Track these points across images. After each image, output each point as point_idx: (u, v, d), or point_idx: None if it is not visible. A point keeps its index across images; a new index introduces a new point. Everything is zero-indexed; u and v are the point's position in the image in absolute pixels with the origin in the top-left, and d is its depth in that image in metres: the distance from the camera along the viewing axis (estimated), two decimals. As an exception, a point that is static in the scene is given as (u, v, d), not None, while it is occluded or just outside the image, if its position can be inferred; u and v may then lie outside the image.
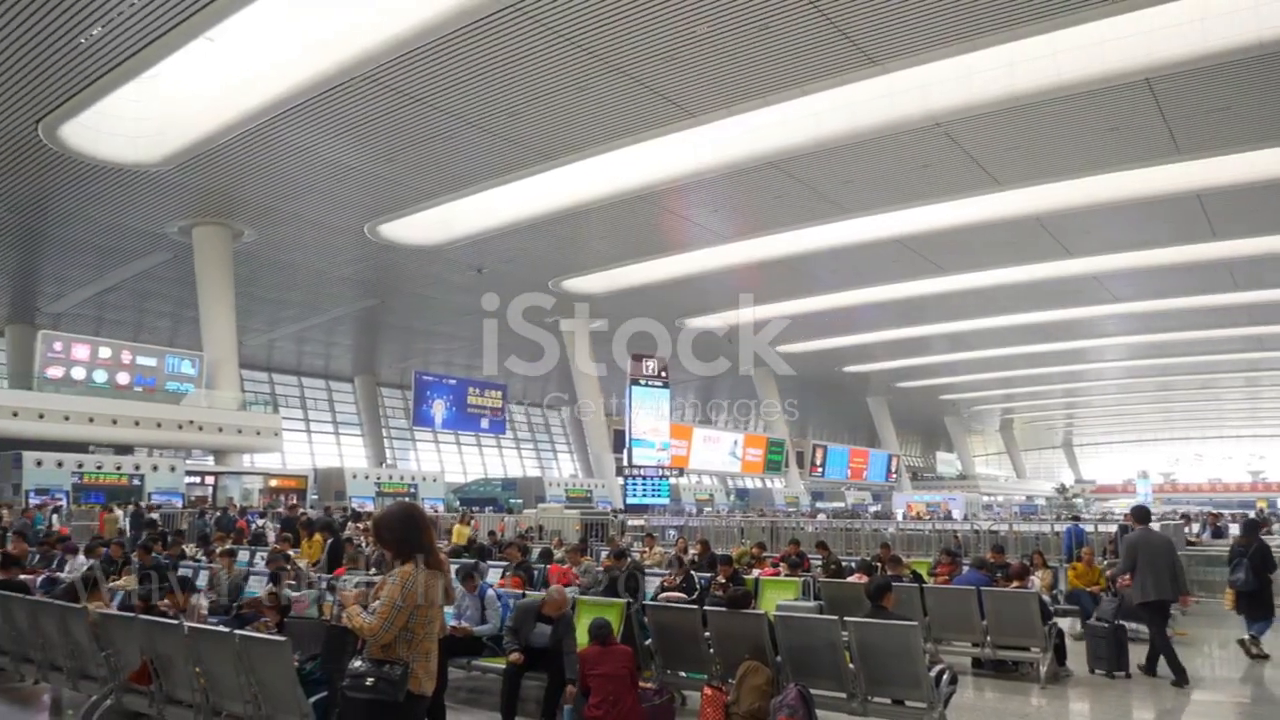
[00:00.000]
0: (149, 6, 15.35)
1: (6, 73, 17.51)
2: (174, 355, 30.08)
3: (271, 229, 26.73)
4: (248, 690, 5.45)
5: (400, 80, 17.85)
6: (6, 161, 21.42)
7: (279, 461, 35.70)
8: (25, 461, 25.12)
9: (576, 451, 58.06)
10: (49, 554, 12.32)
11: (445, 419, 38.76)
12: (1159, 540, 9.40)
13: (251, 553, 12.94)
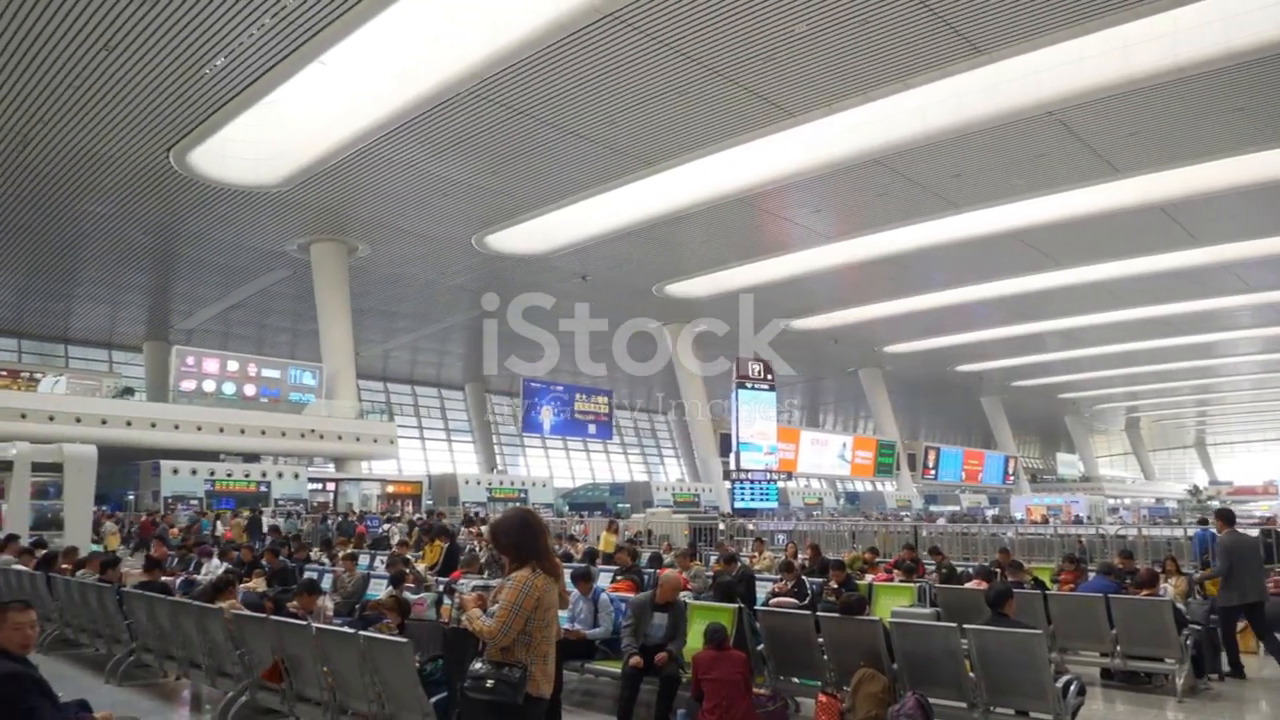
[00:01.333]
0: (267, 36, 16.12)
1: (140, 106, 18.68)
2: (296, 367, 31.47)
3: (384, 244, 27.68)
4: (372, 690, 5.62)
5: (503, 94, 18.23)
6: (142, 188, 22.82)
7: (395, 468, 36.86)
8: (163, 470, 26.66)
9: (683, 456, 58.09)
10: (186, 557, 13.04)
11: (553, 425, 39.33)
12: (1249, 542, 9.27)
13: (371, 556, 13.39)
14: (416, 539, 16.30)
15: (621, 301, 34.04)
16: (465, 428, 49.99)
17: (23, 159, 21.05)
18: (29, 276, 30.48)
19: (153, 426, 26.65)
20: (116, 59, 16.93)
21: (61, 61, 16.96)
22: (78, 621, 9.24)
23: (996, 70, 17.42)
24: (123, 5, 15.14)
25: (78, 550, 11.88)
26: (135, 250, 27.89)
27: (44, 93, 18.09)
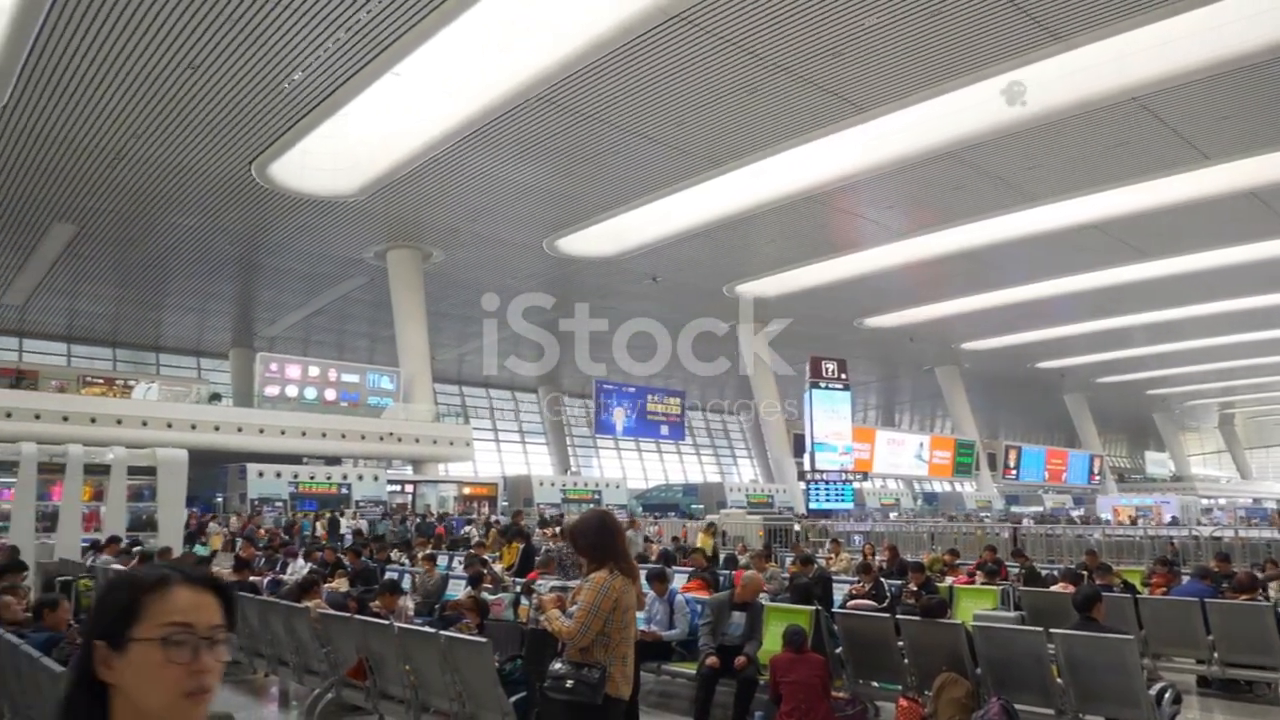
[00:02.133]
0: (342, 50, 16.55)
1: (223, 121, 19.36)
2: (374, 372, 32.20)
3: (457, 249, 28.15)
4: (453, 688, 5.72)
5: (571, 99, 18.38)
6: (226, 201, 23.64)
7: (471, 470, 37.43)
8: (249, 473, 27.51)
9: (756, 456, 57.76)
10: (273, 557, 13.44)
11: (626, 426, 39.45)
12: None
13: (450, 557, 13.62)
14: (493, 540, 16.52)
15: (691, 302, 34.04)
16: (539, 429, 50.51)
17: (116, 176, 21.99)
18: (123, 288, 31.85)
19: (239, 431, 27.56)
20: (201, 77, 17.57)
21: (150, 81, 17.67)
22: (172, 619, 9.60)
23: (1075, 58, 16.89)
24: (207, 26, 15.70)
25: (171, 551, 12.35)
26: (221, 260, 28.91)
27: (135, 112, 18.88)
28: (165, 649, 1.39)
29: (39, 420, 24.22)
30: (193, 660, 1.40)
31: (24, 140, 20.07)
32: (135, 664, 1.39)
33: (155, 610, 1.42)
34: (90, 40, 16.34)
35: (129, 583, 1.47)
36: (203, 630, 1.43)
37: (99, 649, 1.41)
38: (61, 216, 24.61)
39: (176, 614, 1.42)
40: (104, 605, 1.46)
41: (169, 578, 1.46)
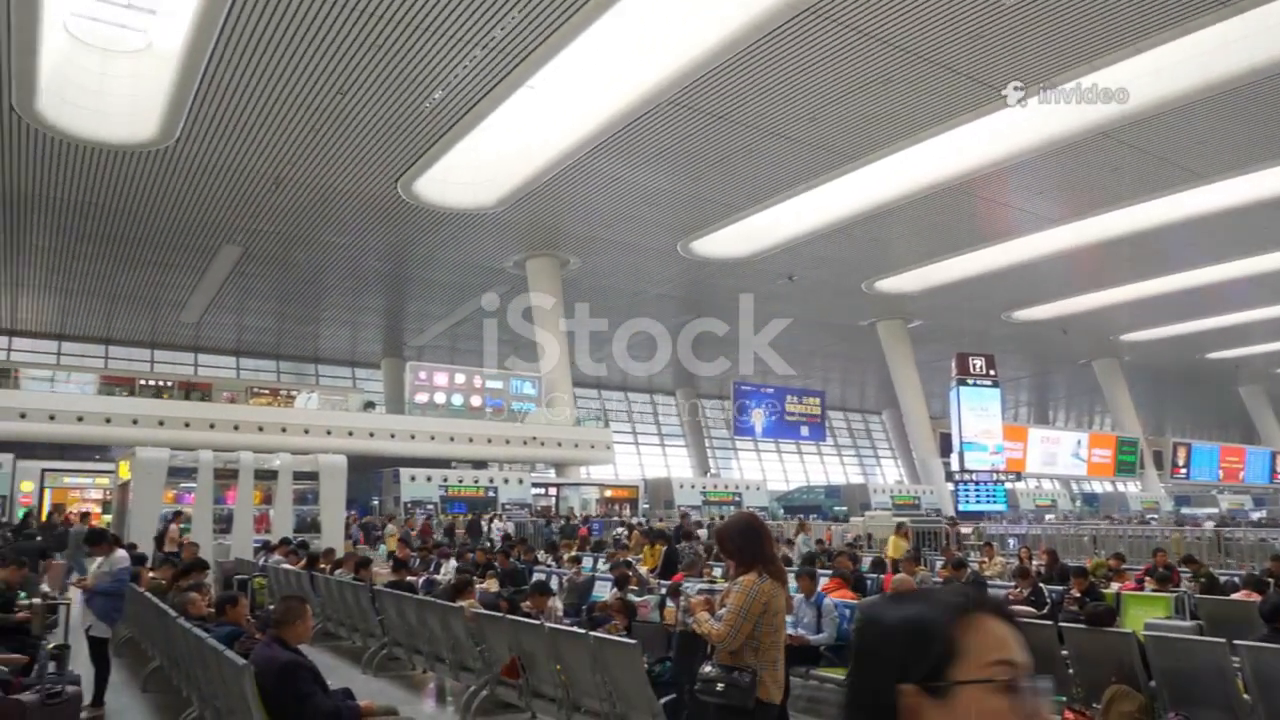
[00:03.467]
0: (479, 67, 17.10)
1: (370, 143, 20.34)
2: (516, 378, 33.07)
3: (593, 256, 28.61)
4: (603, 688, 5.77)
5: (702, 101, 18.38)
6: (374, 218, 24.83)
7: (611, 473, 37.90)
8: (402, 477, 28.71)
9: (900, 457, 56.18)
10: (427, 558, 13.97)
11: (765, 427, 39.08)
12: None
13: (594, 559, 13.82)
14: (635, 542, 16.67)
15: (829, 300, 33.49)
16: (678, 432, 50.69)
17: (275, 200, 23.45)
18: (283, 303, 33.93)
19: (392, 437, 28.85)
20: (348, 101, 18.53)
21: (303, 109, 18.77)
22: (337, 616, 10.10)
23: (1243, 22, 15.66)
24: (353, 53, 16.55)
25: (334, 551, 13.00)
26: (371, 275, 30.37)
27: (290, 139, 20.09)
28: (1001, 694, 1.13)
29: (213, 429, 26.01)
30: (1029, 707, 1.13)
31: (194, 171, 21.67)
32: (964, 712, 1.13)
33: (974, 645, 1.15)
34: (249, 77, 17.49)
35: (938, 611, 1.19)
36: (1026, 669, 1.16)
37: (907, 695, 1.15)
38: (229, 239, 26.46)
39: (999, 650, 1.16)
40: (914, 639, 1.17)
41: (973, 604, 1.19)
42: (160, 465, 18.78)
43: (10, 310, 34.17)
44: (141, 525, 17.54)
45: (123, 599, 7.32)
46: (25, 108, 18.49)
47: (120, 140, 19.98)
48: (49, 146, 20.22)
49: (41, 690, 5.41)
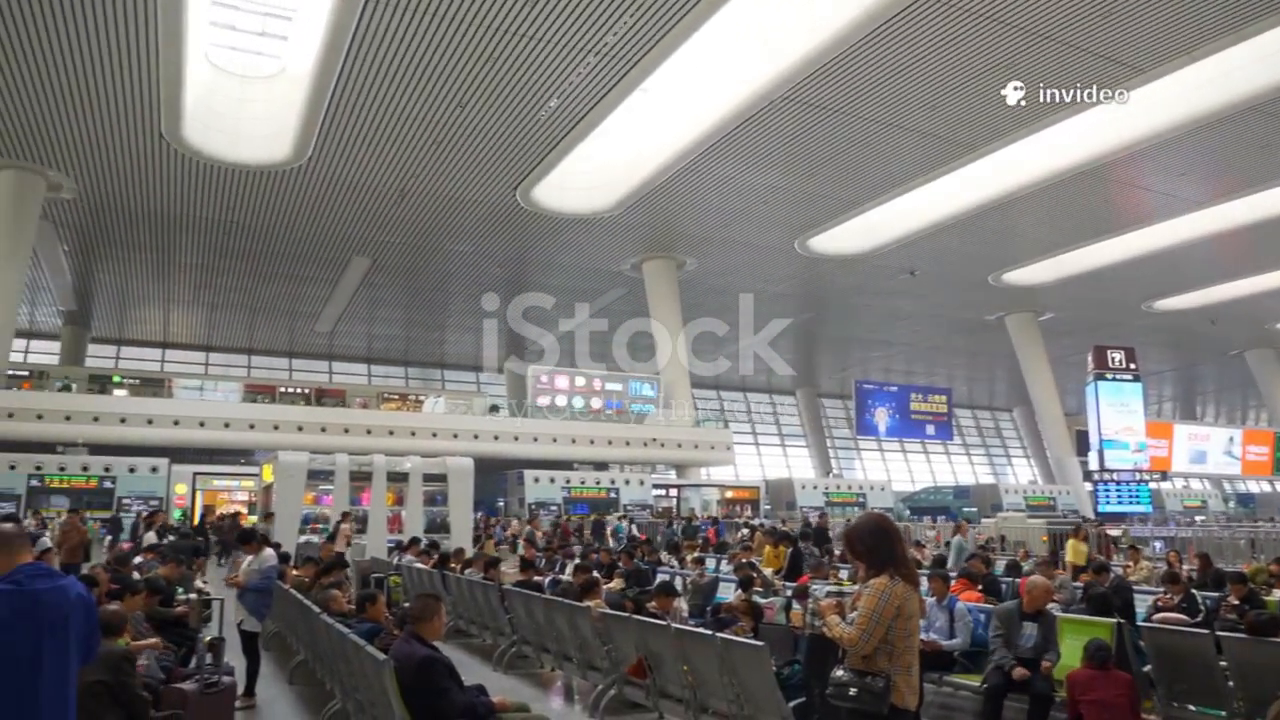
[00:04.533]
0: (593, 73, 17.32)
1: (489, 153, 20.88)
2: (636, 380, 33.30)
3: (709, 256, 28.55)
4: (730, 690, 5.74)
5: (817, 96, 18.10)
6: (495, 227, 25.49)
7: (732, 474, 37.73)
8: (526, 479, 29.30)
9: (1033, 456, 53.95)
10: (552, 558, 14.21)
11: (889, 427, 38.21)
12: None
13: (717, 560, 13.78)
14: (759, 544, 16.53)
15: (953, 295, 32.46)
16: (799, 432, 50.08)
17: (401, 212, 24.35)
18: (410, 311, 35.18)
19: (515, 440, 29.50)
20: (468, 113, 19.07)
21: (425, 124, 19.43)
22: (468, 614, 10.38)
23: None
24: (471, 65, 17.02)
25: (464, 551, 13.37)
26: (493, 281, 31.12)
27: (413, 153, 20.82)
28: None
29: (347, 434, 27.18)
30: None
31: (325, 187, 22.72)
32: None
33: None
34: (374, 95, 18.22)
35: None
36: None
37: None
38: (358, 251, 27.63)
39: None
40: None
41: None
42: (300, 468, 19.73)
43: (164, 324, 36.61)
44: (284, 525, 18.47)
45: (271, 595, 7.72)
46: (173, 134, 19.78)
47: (258, 161, 21.14)
48: (194, 170, 21.57)
49: (200, 680, 5.77)
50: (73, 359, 34.96)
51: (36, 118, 19.33)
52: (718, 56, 17.47)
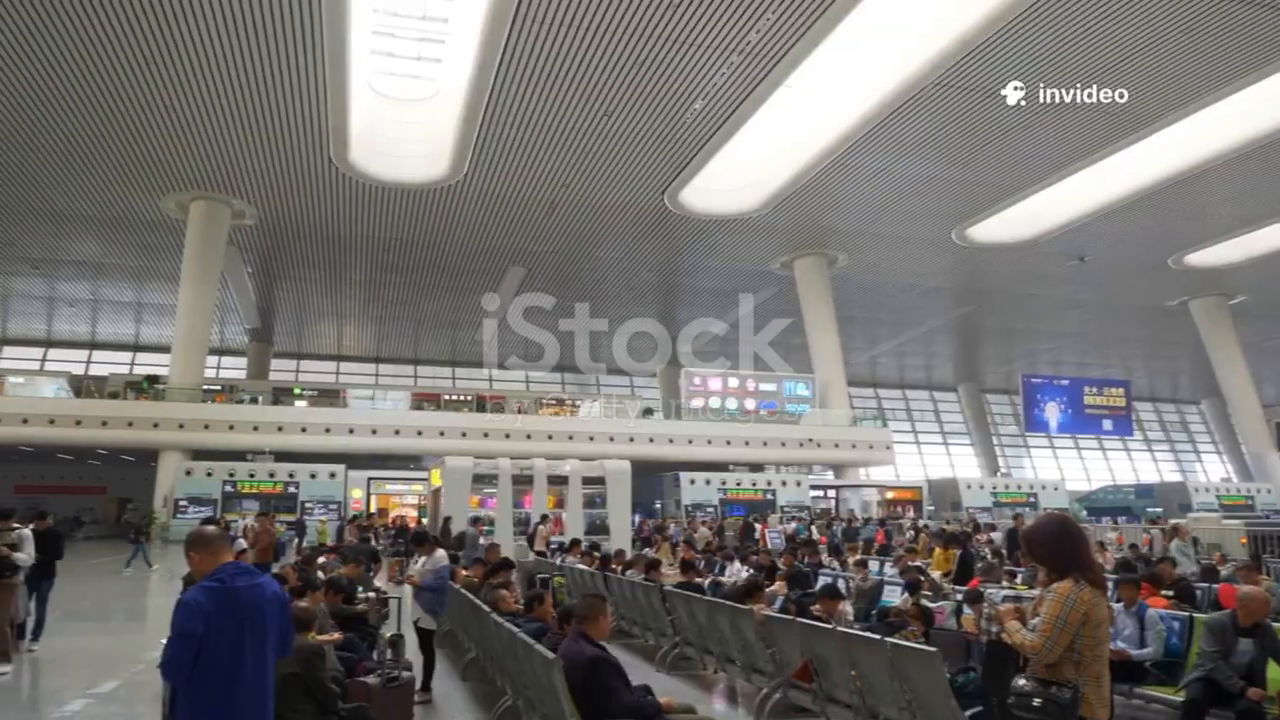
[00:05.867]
0: (737, 73, 17.23)
1: (635, 159, 21.14)
2: (790, 380, 32.87)
3: (861, 252, 27.90)
4: (901, 698, 5.53)
5: (969, 78, 17.37)
6: (644, 232, 25.76)
7: (892, 474, 36.68)
8: (682, 480, 29.39)
9: (1226, 451, 49.88)
10: (711, 560, 14.18)
11: (1060, 422, 36.13)
12: None
13: (881, 563, 13.39)
14: (924, 545, 15.98)
15: (1128, 280, 30.41)
16: (962, 430, 48.17)
17: (553, 222, 24.98)
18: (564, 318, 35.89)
19: (670, 442, 29.65)
20: (614, 121, 19.35)
21: (573, 135, 19.86)
22: (629, 615, 10.48)
23: None
24: (616, 74, 17.28)
25: (624, 553, 13.53)
26: (643, 286, 31.49)
27: (563, 164, 21.33)
28: None
29: (508, 439, 28.05)
30: None
31: (481, 201, 23.59)
32: None
33: None
34: (524, 109, 18.78)
35: None
36: None
37: None
38: (513, 261, 28.53)
39: None
40: None
41: None
42: (466, 473, 20.49)
43: (337, 338, 38.92)
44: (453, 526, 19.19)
45: (444, 594, 8.03)
46: (341, 159, 21.04)
47: (417, 180, 22.20)
48: (360, 191, 22.88)
49: (382, 675, 6.06)
50: (258, 373, 37.65)
51: (221, 153, 21.02)
52: (864, 46, 17.05)
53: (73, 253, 28.86)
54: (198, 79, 17.75)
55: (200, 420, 25.69)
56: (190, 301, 25.35)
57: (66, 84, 18.05)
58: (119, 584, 17.22)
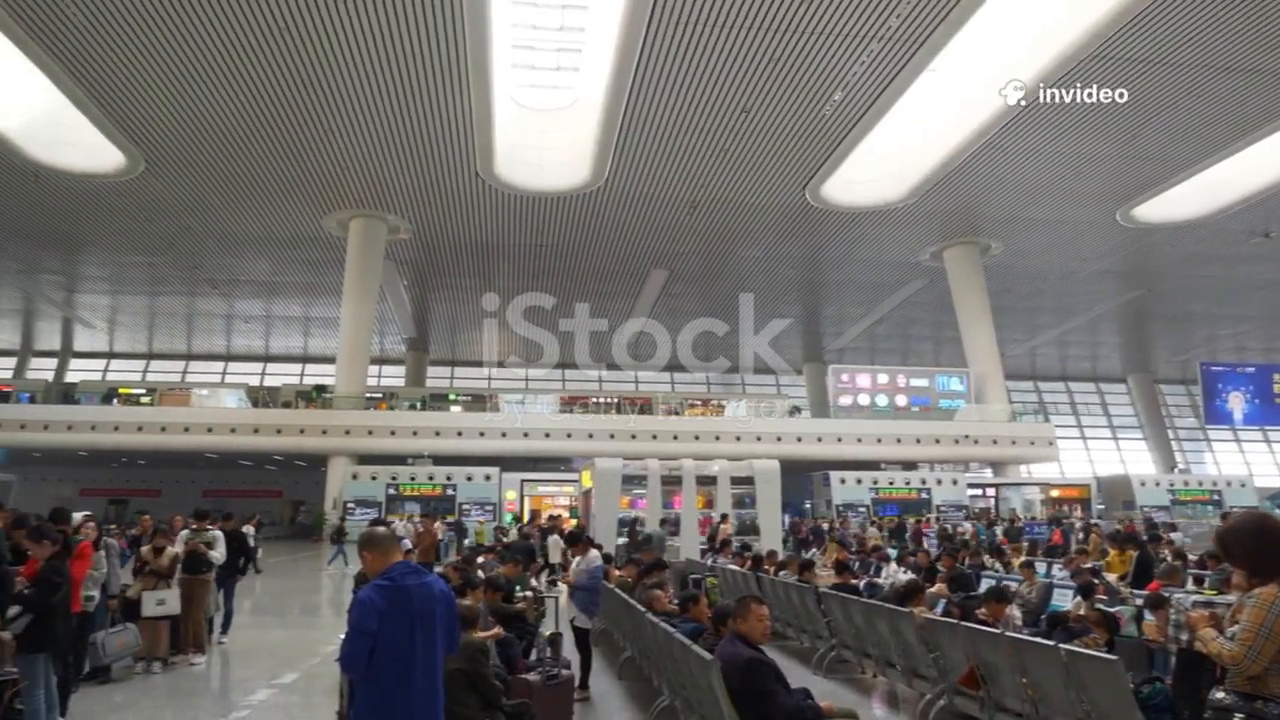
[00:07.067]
0: (877, 61, 16.77)
1: (775, 155, 20.90)
2: (942, 374, 31.77)
3: (1016, 238, 26.64)
4: (1079, 708, 5.22)
5: (1131, 48, 16.29)
6: (785, 228, 25.44)
7: (1056, 470, 34.88)
8: (832, 480, 28.84)
9: None
10: (866, 561, 13.83)
11: (1246, 414, 33.43)
12: None
13: (1048, 564, 12.73)
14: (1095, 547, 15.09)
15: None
16: (1132, 423, 45.30)
17: (694, 222, 25.01)
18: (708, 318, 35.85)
19: (818, 441, 29.15)
20: (752, 118, 19.19)
21: (711, 132, 19.82)
22: (784, 616, 10.34)
23: None
24: (752, 70, 17.14)
25: (776, 554, 13.39)
26: (786, 284, 31.10)
27: (701, 164, 21.34)
28: None
29: (655, 440, 28.25)
30: None
31: (622, 205, 23.88)
32: None
33: None
34: (662, 112, 18.89)
35: None
36: None
37: None
38: (656, 264, 28.73)
39: None
40: None
41: None
42: (615, 474, 20.75)
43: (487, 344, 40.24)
44: (604, 527, 19.49)
45: (599, 594, 8.15)
46: (487, 172, 21.75)
47: (560, 187, 22.69)
48: (505, 201, 23.61)
49: (542, 672, 6.19)
50: (415, 380, 39.37)
51: (377, 172, 22.17)
52: (1012, 23, 16.27)
53: (247, 272, 31.06)
54: (353, 105, 18.80)
55: (364, 426, 27.10)
56: (352, 314, 26.79)
57: (238, 120, 19.50)
58: (296, 581, 18.41)
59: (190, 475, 35.74)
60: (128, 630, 7.78)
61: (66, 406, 29.39)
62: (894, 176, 22.64)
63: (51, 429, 27.22)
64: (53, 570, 5.43)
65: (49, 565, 5.45)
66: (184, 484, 35.58)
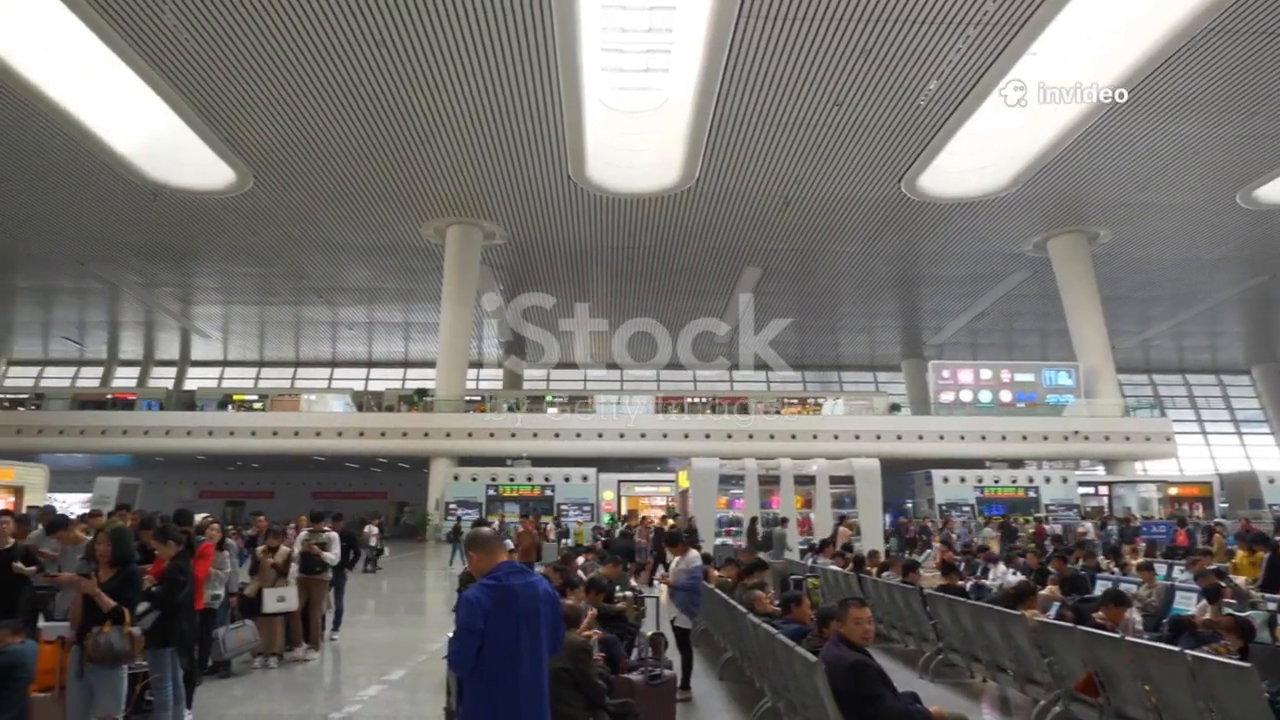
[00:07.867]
0: (973, 47, 16.30)
1: (868, 148, 20.54)
2: (1049, 368, 30.67)
3: (1126, 225, 25.53)
4: (1207, 717, 4.96)
5: (1250, 18, 15.42)
6: (881, 222, 24.95)
7: (1175, 467, 33.26)
8: (934, 478, 28.12)
9: None
10: (972, 562, 13.44)
11: (1384, 404, 31.29)
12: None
13: (1169, 566, 12.15)
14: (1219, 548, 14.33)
15: None
16: (1258, 417, 42.86)
17: (786, 218, 24.75)
18: (802, 316, 35.49)
19: (919, 438, 28.46)
20: (845, 112, 18.89)
21: (803, 129, 19.59)
22: (888, 619, 10.13)
23: None
24: (844, 63, 16.88)
25: (878, 554, 13.12)
26: (881, 279, 30.49)
27: (794, 160, 21.10)
28: None
29: (751, 439, 28.05)
30: None
31: (714, 204, 23.79)
32: None
33: None
34: (752, 109, 18.75)
35: None
36: None
37: None
38: (749, 261, 28.55)
39: None
40: None
41: None
42: (712, 474, 20.71)
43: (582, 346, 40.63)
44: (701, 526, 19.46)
45: (699, 594, 8.13)
46: (579, 175, 21.97)
47: (651, 189, 22.75)
48: (597, 204, 23.81)
49: (644, 672, 6.20)
50: (512, 383, 40.01)
51: (472, 179, 22.67)
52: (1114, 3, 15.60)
53: (350, 280, 32.11)
54: (448, 114, 19.28)
55: (464, 429, 27.68)
56: (451, 319, 27.42)
57: (339, 134, 20.23)
58: (403, 580, 18.95)
59: (300, 477, 37.18)
60: (246, 626, 8.14)
61: (185, 413, 30.82)
62: (993, 165, 21.97)
63: (172, 434, 28.66)
64: (178, 569, 5.70)
65: (174, 564, 5.72)
66: (295, 486, 37.07)
